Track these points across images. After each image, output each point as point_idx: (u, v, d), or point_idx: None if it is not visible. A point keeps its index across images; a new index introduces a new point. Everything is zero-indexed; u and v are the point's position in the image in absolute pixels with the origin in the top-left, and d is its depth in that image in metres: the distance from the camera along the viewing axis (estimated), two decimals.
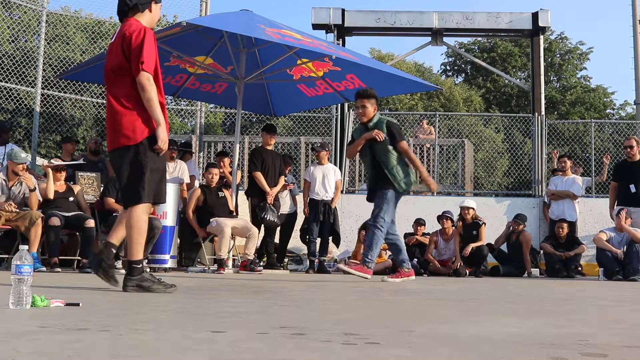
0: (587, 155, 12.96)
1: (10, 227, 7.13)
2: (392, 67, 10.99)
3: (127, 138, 4.01)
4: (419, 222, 9.64)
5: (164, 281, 4.12)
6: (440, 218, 9.27)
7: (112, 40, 4.20)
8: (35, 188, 7.21)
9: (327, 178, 8.95)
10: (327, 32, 12.58)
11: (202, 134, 11.46)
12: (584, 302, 4.24)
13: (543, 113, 12.05)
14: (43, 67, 9.90)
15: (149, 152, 4.03)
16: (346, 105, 11.57)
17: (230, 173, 8.87)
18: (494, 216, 10.54)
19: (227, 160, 9.32)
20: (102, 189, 8.26)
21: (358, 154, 6.48)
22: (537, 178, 11.51)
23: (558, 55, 31.39)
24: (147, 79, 3.96)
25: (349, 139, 11.60)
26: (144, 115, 4.03)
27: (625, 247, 8.56)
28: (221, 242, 7.73)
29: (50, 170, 7.49)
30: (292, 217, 9.25)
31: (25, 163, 7.28)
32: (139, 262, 4.06)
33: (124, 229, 4.13)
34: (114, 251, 4.21)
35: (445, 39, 13.32)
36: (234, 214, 8.38)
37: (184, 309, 3.00)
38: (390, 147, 6.16)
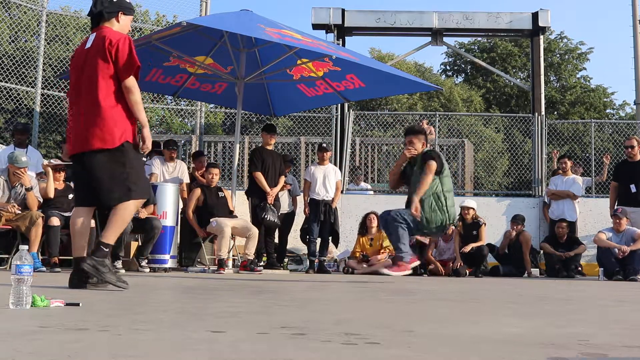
0: (587, 155, 12.96)
1: (10, 227, 7.14)
2: (392, 67, 10.99)
3: (103, 141, 4.05)
4: None
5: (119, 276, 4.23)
6: None
7: (88, 46, 4.19)
8: (31, 187, 7.20)
9: (327, 178, 8.96)
10: (327, 32, 12.57)
11: (202, 134, 11.47)
12: (584, 302, 4.24)
13: (543, 113, 12.05)
14: (43, 67, 9.89)
15: (130, 154, 4.11)
16: (346, 105, 11.57)
17: (203, 175, 8.84)
18: (494, 216, 10.54)
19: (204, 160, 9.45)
20: None
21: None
22: (537, 178, 11.51)
23: (558, 55, 31.38)
24: (134, 82, 4.11)
25: (346, 140, 11.58)
26: (123, 120, 4.10)
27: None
28: (221, 242, 7.73)
29: (50, 169, 7.49)
30: (289, 216, 9.26)
31: (26, 167, 7.27)
32: (108, 247, 4.12)
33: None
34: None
35: (445, 39, 13.32)
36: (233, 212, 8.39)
37: (184, 309, 3.00)
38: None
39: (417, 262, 6.06)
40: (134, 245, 8.23)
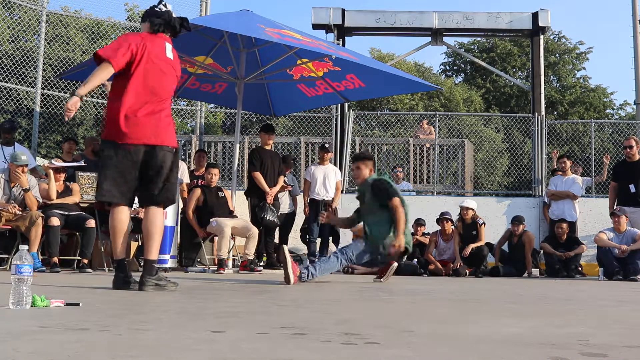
0: (586, 155, 12.96)
1: (10, 227, 7.13)
2: (392, 67, 10.99)
3: (171, 140, 4.33)
4: (419, 222, 9.63)
5: (169, 279, 4.30)
6: (439, 220, 9.26)
7: (169, 56, 4.72)
8: (28, 189, 7.18)
9: (327, 178, 8.96)
10: (327, 32, 12.58)
11: (202, 134, 11.46)
12: (584, 302, 4.24)
13: (543, 113, 12.06)
14: (43, 67, 9.89)
15: (176, 158, 4.39)
16: (346, 105, 11.58)
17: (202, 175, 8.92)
18: (494, 216, 10.55)
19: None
20: None
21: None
22: (537, 178, 11.52)
23: (557, 55, 31.36)
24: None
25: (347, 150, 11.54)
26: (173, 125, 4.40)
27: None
28: (221, 242, 7.72)
29: (51, 170, 7.49)
30: (290, 217, 9.26)
31: (26, 165, 7.27)
32: (156, 262, 4.25)
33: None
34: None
35: (445, 39, 13.32)
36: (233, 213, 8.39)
37: (184, 309, 3.00)
38: (380, 213, 5.77)
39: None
40: (134, 245, 8.23)
